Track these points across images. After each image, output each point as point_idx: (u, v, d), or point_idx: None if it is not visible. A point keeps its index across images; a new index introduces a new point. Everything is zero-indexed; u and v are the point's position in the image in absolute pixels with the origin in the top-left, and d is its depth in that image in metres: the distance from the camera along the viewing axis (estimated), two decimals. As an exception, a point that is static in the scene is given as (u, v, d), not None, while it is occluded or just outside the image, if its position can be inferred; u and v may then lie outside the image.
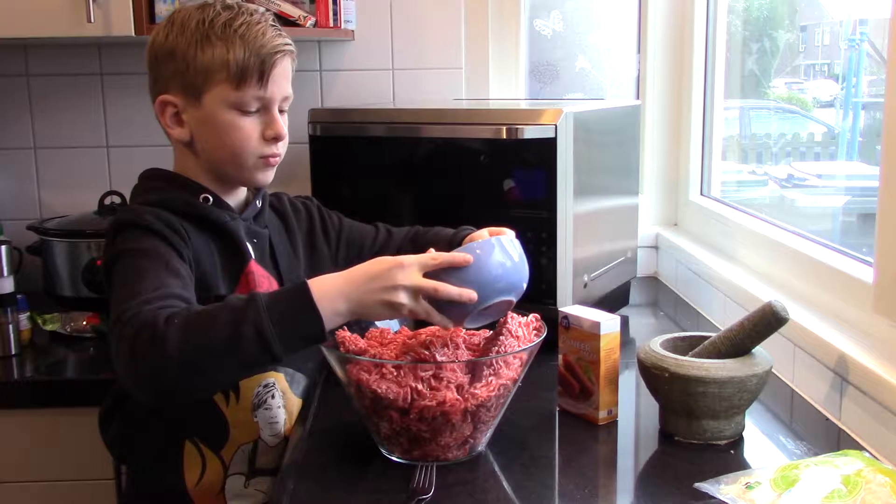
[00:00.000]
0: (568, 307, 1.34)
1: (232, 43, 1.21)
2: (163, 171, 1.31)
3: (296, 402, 1.36)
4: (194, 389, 1.08)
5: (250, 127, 1.24)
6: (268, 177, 1.30)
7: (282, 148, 1.29)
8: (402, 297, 1.07)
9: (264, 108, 1.25)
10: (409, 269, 1.08)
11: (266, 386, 1.31)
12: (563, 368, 1.32)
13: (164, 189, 1.27)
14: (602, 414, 1.28)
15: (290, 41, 1.27)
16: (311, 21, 1.92)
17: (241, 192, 1.34)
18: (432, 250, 1.14)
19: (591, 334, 1.27)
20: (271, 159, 1.28)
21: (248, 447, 1.31)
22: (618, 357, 1.29)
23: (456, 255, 1.10)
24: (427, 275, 1.09)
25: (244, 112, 1.23)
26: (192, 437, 1.28)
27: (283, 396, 1.33)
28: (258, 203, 1.35)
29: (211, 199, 1.28)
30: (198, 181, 1.28)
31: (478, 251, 1.12)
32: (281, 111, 1.28)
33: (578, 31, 2.35)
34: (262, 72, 1.22)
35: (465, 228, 1.42)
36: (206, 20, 1.22)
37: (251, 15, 1.24)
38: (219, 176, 1.29)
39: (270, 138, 1.26)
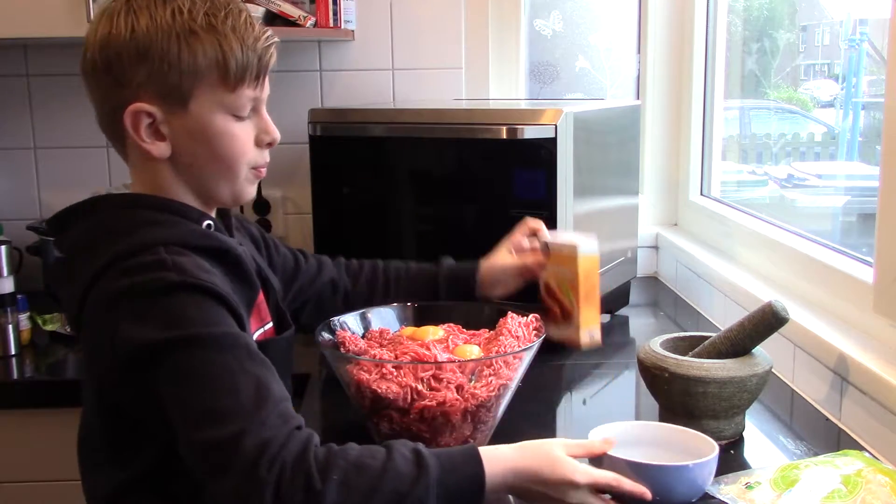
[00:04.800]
0: (549, 233, 1.34)
1: (225, 38, 1.02)
2: (147, 196, 1.07)
3: None
4: None
5: (245, 134, 1.07)
6: (254, 190, 1.14)
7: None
8: None
9: (254, 111, 1.08)
10: (581, 492, 0.97)
11: None
12: (546, 294, 1.31)
13: (164, 222, 1.03)
14: (584, 336, 1.26)
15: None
16: (311, 21, 1.92)
17: (214, 213, 1.15)
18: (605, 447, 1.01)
19: (570, 257, 1.26)
20: (262, 170, 1.12)
21: None
22: (597, 280, 1.28)
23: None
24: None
25: (238, 117, 1.06)
26: None
27: None
28: (231, 221, 1.19)
29: (212, 224, 1.09)
30: (187, 204, 1.08)
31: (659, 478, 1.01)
32: None
33: (578, 31, 2.35)
34: (260, 69, 1.06)
35: (444, 260, 1.41)
36: (183, 10, 1.01)
37: (228, 4, 1.04)
38: (204, 194, 1.09)
39: (266, 144, 1.10)
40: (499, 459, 0.95)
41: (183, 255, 0.98)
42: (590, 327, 1.27)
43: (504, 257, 1.38)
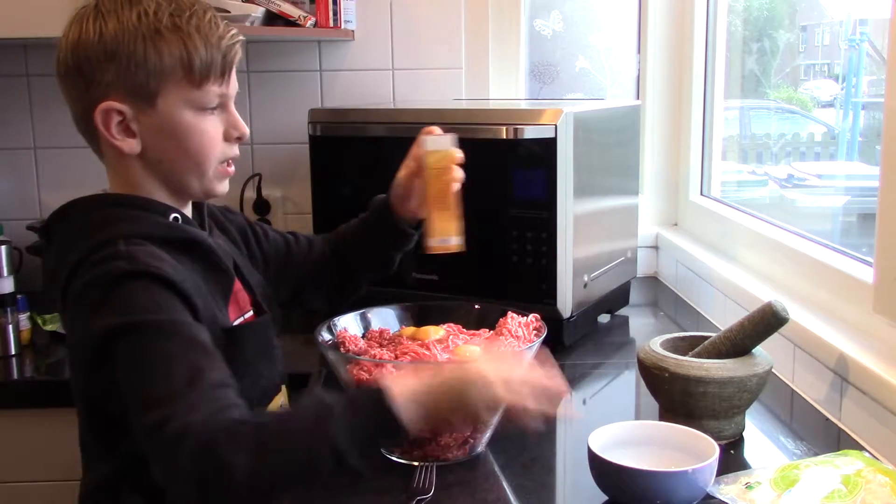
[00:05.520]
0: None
1: (189, 37, 1.05)
2: (114, 195, 1.11)
3: None
4: None
5: (213, 129, 1.10)
6: (225, 186, 1.16)
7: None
8: (485, 416, 0.98)
9: (222, 106, 1.11)
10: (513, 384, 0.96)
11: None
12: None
13: (129, 217, 1.06)
14: (433, 242, 1.16)
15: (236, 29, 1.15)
16: (311, 21, 1.92)
17: (189, 207, 1.18)
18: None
19: (422, 153, 1.17)
20: (231, 166, 1.15)
21: None
22: (451, 178, 1.18)
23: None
24: None
25: (205, 112, 1.09)
26: None
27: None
28: (205, 214, 1.21)
29: (179, 217, 1.11)
30: (156, 199, 1.11)
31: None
32: None
33: (578, 31, 2.35)
34: (224, 66, 1.08)
35: (376, 199, 1.37)
36: (149, 12, 1.05)
37: (193, 5, 1.08)
38: (175, 189, 1.12)
39: (235, 138, 1.12)
40: (407, 380, 0.96)
41: (140, 245, 1.01)
42: (442, 233, 1.16)
43: (401, 171, 1.32)
